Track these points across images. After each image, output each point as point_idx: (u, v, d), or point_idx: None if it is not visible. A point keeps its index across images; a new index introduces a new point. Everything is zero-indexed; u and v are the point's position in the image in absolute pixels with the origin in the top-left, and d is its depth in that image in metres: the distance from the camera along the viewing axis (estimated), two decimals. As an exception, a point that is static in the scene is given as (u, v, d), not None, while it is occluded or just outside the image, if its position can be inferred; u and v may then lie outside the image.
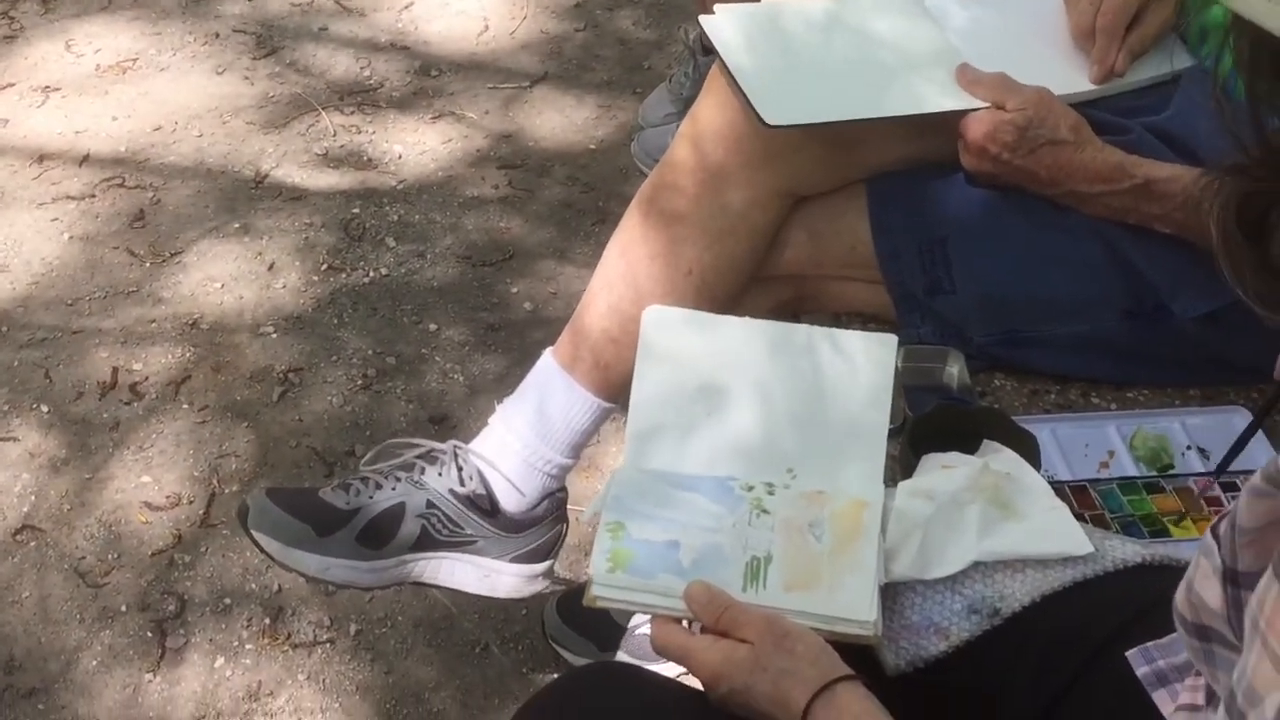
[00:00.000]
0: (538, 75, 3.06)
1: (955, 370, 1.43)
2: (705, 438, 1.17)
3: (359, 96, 2.98)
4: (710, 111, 1.49)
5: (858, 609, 1.02)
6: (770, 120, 1.36)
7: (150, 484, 2.14)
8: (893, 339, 1.20)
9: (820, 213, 1.52)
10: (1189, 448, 1.39)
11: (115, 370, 2.31)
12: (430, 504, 1.57)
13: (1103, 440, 1.40)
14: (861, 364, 1.19)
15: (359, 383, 2.31)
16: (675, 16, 3.21)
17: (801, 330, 1.22)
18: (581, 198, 2.72)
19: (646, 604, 1.05)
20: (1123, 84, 1.48)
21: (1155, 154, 1.39)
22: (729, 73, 1.42)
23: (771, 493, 1.12)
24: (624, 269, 1.55)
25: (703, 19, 1.49)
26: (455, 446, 1.61)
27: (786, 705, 0.93)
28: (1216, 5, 1.43)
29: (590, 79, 3.05)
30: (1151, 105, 1.47)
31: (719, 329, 1.24)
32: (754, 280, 1.54)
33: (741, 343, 1.22)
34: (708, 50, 2.71)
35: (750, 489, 1.13)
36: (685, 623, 1.03)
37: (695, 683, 1.00)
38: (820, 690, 0.92)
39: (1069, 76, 1.48)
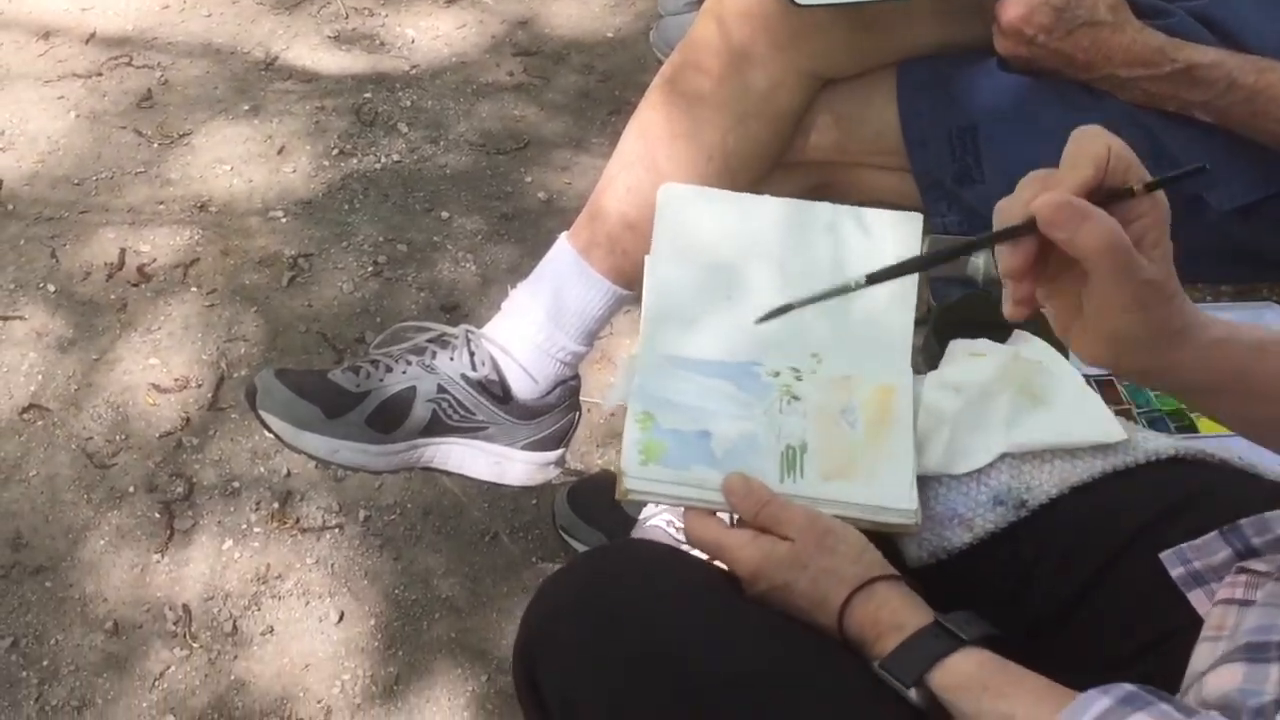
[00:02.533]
0: (555, -40, 2.98)
1: (981, 261, 1.39)
2: (726, 322, 1.14)
3: (372, -22, 2.92)
4: (737, -12, 1.44)
5: (899, 497, 1.00)
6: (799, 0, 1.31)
7: (158, 366, 2.11)
8: (918, 217, 1.16)
9: (847, 97, 1.48)
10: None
11: (123, 251, 2.28)
12: (441, 388, 1.54)
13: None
14: (887, 243, 1.15)
15: (369, 269, 2.28)
16: (697, -99, 3.12)
17: (824, 208, 1.18)
18: (598, 87, 2.66)
19: (681, 496, 1.02)
20: (1165, -34, 1.42)
21: (1197, 38, 1.34)
22: (756, -53, 1.36)
23: (799, 378, 1.09)
24: (643, 150, 1.50)
25: (728, -110, 1.43)
26: (467, 331, 1.58)
27: (826, 603, 0.91)
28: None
29: (609, -35, 2.98)
30: (1194, -11, 1.41)
31: (738, 207, 1.20)
32: (777, 166, 1.50)
33: (761, 221, 1.18)
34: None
35: (777, 374, 1.10)
36: (721, 515, 1.00)
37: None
38: (859, 588, 0.90)
39: (1110, -43, 1.42)
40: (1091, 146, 0.80)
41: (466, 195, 2.42)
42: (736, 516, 0.99)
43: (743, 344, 1.13)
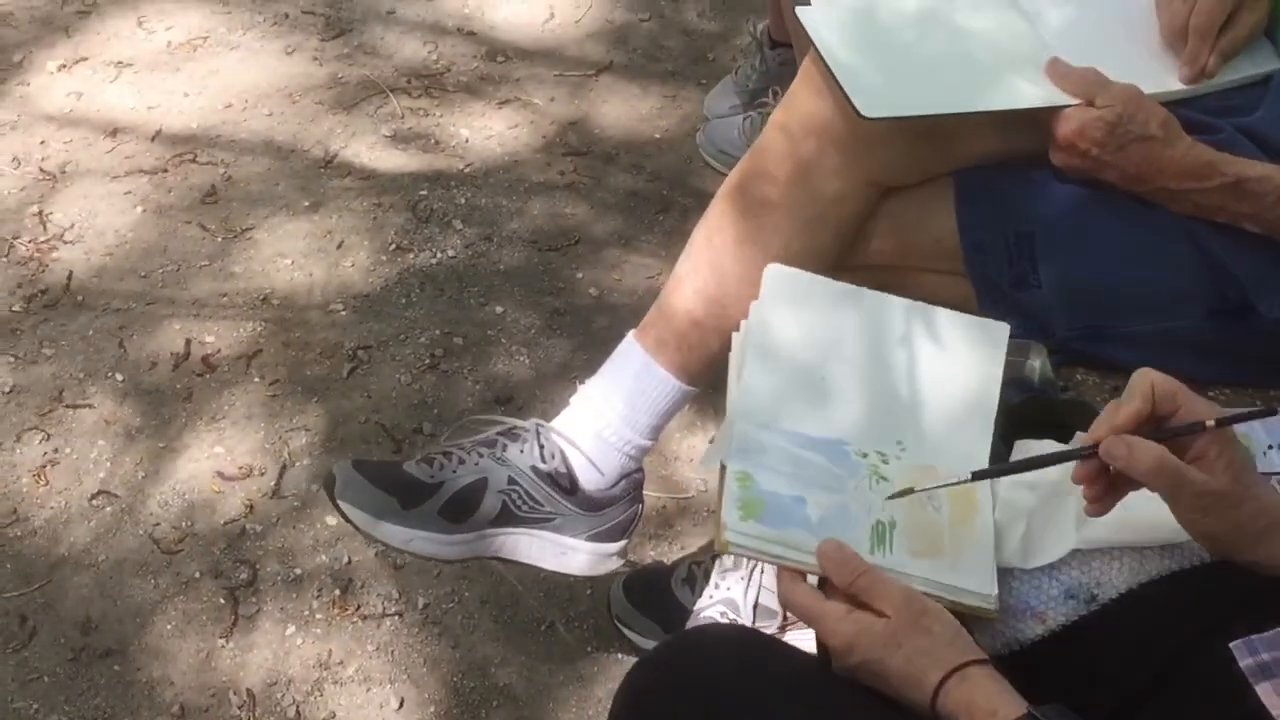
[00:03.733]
0: (603, 64, 3.08)
1: (1038, 364, 1.45)
2: (819, 400, 1.21)
3: (426, 80, 3.01)
4: (804, 100, 1.51)
5: (982, 582, 1.04)
6: (866, 112, 1.38)
7: (222, 454, 2.17)
8: (1005, 327, 1.23)
9: (907, 204, 1.54)
10: (1270, 447, 1.40)
11: (188, 342, 2.35)
12: (512, 480, 1.60)
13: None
14: (971, 346, 1.21)
15: (426, 362, 2.34)
16: (740, 9, 3.23)
17: (917, 308, 1.25)
18: (646, 187, 2.74)
19: (777, 555, 1.07)
20: (1213, 84, 1.49)
21: (1246, 153, 1.40)
22: (824, 64, 1.43)
23: (885, 461, 1.15)
24: (711, 255, 1.57)
25: (800, 10, 1.51)
26: (538, 424, 1.64)
27: (921, 683, 0.94)
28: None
29: (655, 69, 3.07)
30: (1242, 106, 1.48)
31: (836, 296, 1.27)
32: (840, 269, 1.56)
33: (856, 311, 1.25)
34: (775, 43, 2.75)
35: (864, 455, 1.15)
36: (810, 579, 1.05)
37: (810, 644, 1.02)
38: (953, 670, 0.93)
39: (1159, 75, 1.49)
40: (1139, 383, 1.00)
41: (519, 291, 2.49)
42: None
43: (833, 423, 1.19)
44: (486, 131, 2.87)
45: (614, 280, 2.52)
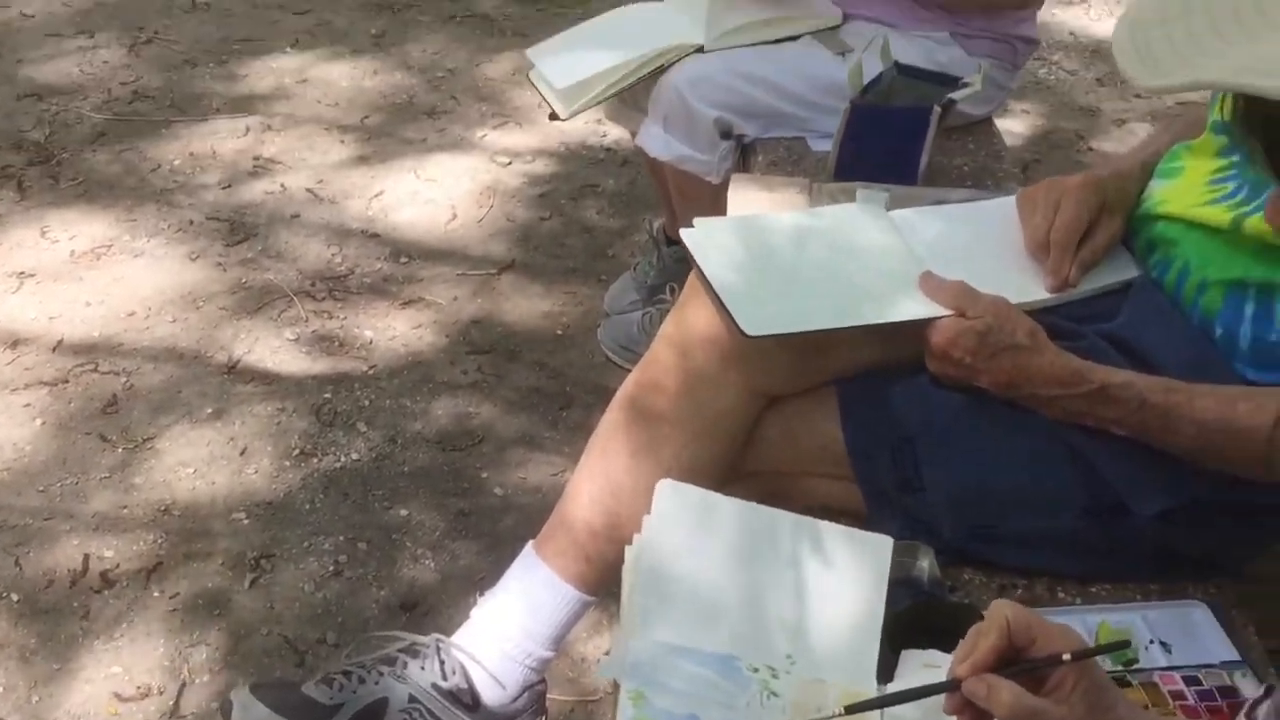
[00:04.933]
0: (505, 262, 3.15)
1: (926, 564, 1.48)
2: (710, 617, 1.23)
3: (330, 283, 3.06)
4: (691, 314, 1.57)
5: None
6: (748, 330, 1.43)
7: (120, 674, 2.13)
8: (888, 541, 1.26)
9: (794, 412, 1.59)
10: (1151, 641, 1.45)
11: (86, 557, 2.32)
12: (413, 698, 1.59)
13: (1070, 634, 1.45)
14: (855, 560, 1.24)
15: (330, 569, 2.33)
16: (639, 206, 3.34)
17: (804, 523, 1.29)
18: (550, 383, 2.79)
19: None
20: (1076, 293, 1.58)
21: (1108, 359, 1.47)
22: (708, 283, 1.49)
23: (776, 676, 1.17)
24: (605, 466, 1.60)
25: (683, 231, 1.57)
26: (438, 640, 1.64)
27: None
28: (1161, 221, 1.54)
29: (557, 266, 3.15)
30: (1103, 312, 1.56)
31: (725, 512, 1.30)
32: (732, 477, 1.60)
33: (745, 527, 1.28)
34: (671, 241, 2.83)
35: (755, 670, 1.17)
36: None
37: None
38: None
39: (1025, 285, 1.57)
40: (995, 616, 1.03)
41: (424, 493, 2.50)
42: None
43: (723, 639, 1.21)
44: (390, 332, 2.91)
45: (519, 479, 2.54)
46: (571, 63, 2.43)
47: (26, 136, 3.56)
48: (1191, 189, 1.51)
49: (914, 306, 1.50)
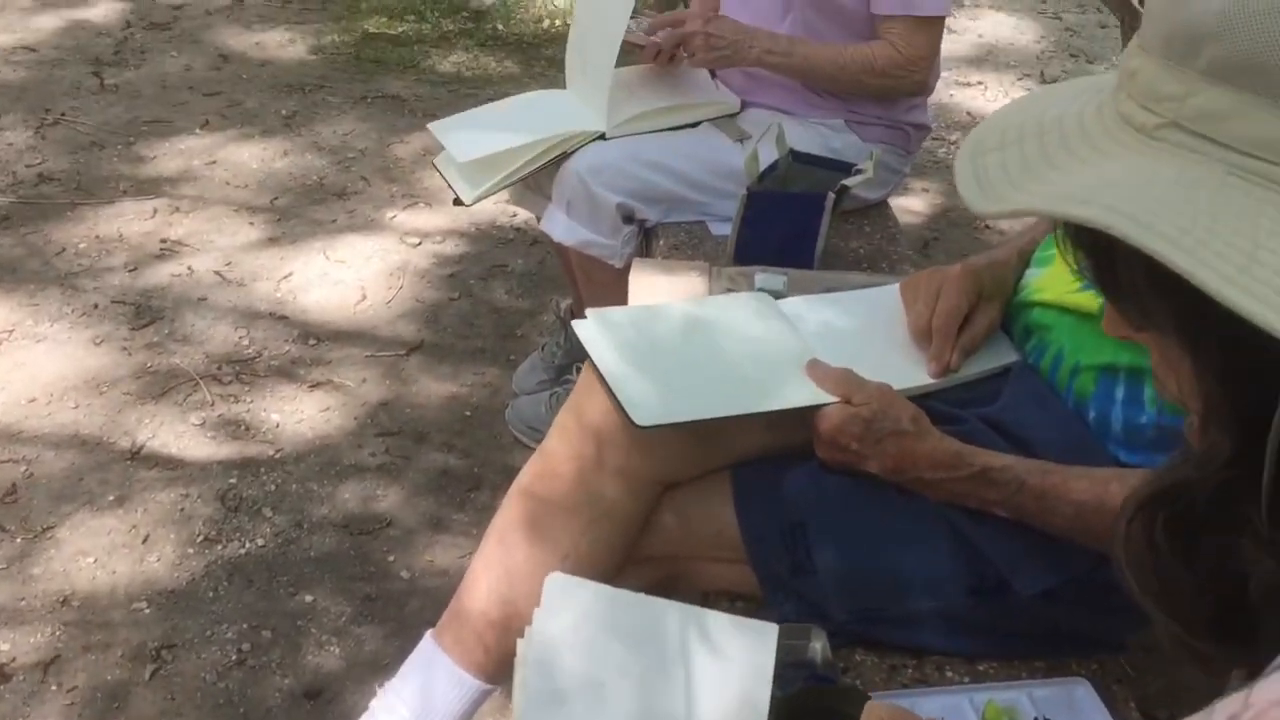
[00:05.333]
0: (414, 343, 3.16)
1: (819, 647, 1.51)
2: (597, 710, 1.24)
3: (237, 365, 3.05)
4: (586, 405, 1.59)
5: None
6: (639, 421, 1.46)
7: (15, 772, 2.09)
8: (774, 627, 1.29)
9: (689, 498, 1.62)
10: (1037, 719, 1.48)
11: (-17, 651, 2.28)
12: (311, 793, 1.58)
13: (959, 713, 1.48)
14: (741, 648, 1.27)
15: (233, 658, 2.30)
16: (547, 287, 3.37)
17: (691, 613, 1.31)
18: (458, 465, 2.79)
19: None
20: (958, 378, 1.63)
21: (989, 442, 1.52)
22: (600, 374, 1.52)
23: None
24: (503, 554, 1.61)
25: (574, 323, 1.61)
26: (336, 733, 1.63)
27: None
28: (1037, 307, 1.59)
29: (465, 347, 3.17)
30: (984, 396, 1.61)
31: (615, 605, 1.32)
32: (628, 561, 1.62)
33: (634, 619, 1.30)
34: (578, 322, 2.86)
35: None
36: None
37: None
38: None
39: (909, 371, 1.62)
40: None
41: (330, 578, 2.49)
42: None
43: None
44: (298, 415, 2.90)
45: (426, 562, 2.54)
46: (474, 139, 2.46)
47: (-73, 220, 3.53)
48: (1064, 276, 1.57)
49: (802, 394, 1.54)
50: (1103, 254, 0.75)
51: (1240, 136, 0.69)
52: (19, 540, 2.53)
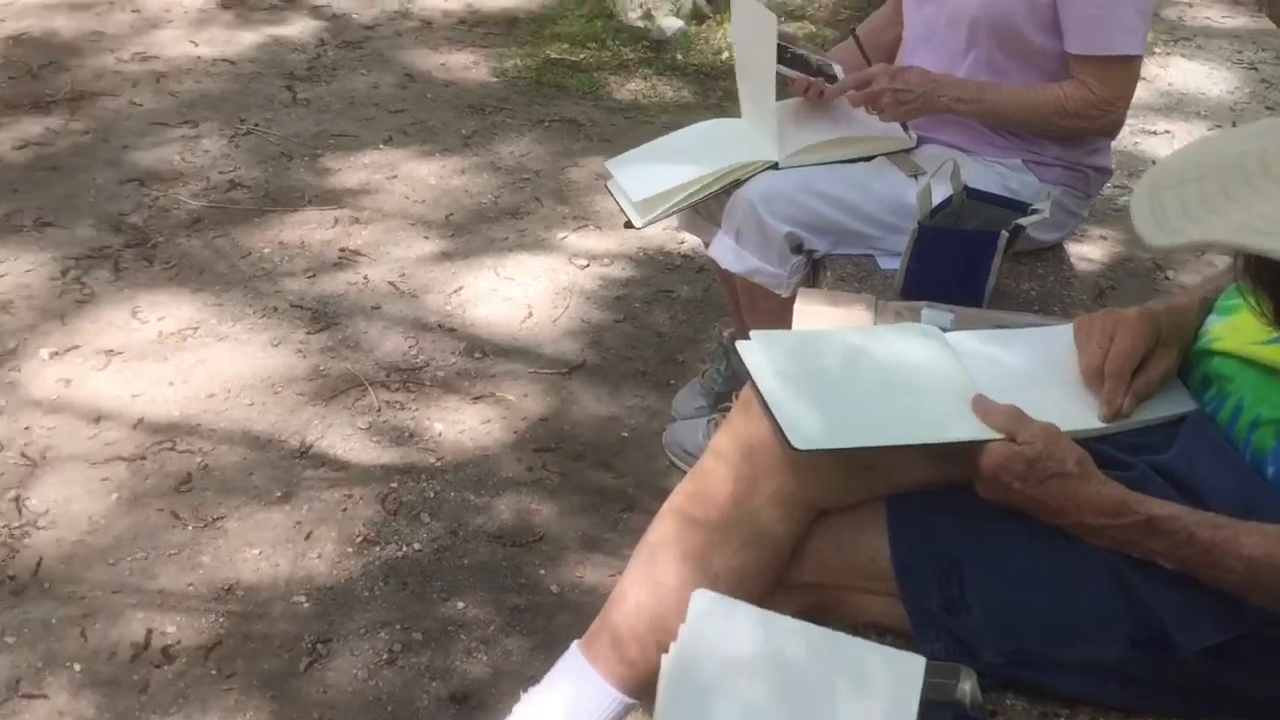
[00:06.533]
0: (577, 362, 3.20)
1: (968, 687, 1.47)
2: None
3: (405, 374, 3.13)
4: (743, 426, 1.59)
5: None
6: (797, 445, 1.46)
7: (173, 749, 2.17)
8: (921, 660, 1.27)
9: (843, 526, 1.60)
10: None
11: (149, 632, 2.37)
12: (451, 792, 1.60)
13: (1110, 767, 1.44)
14: (886, 680, 1.25)
15: (384, 657, 2.36)
16: (710, 314, 3.38)
17: (836, 639, 1.30)
18: (613, 485, 2.82)
19: None
20: (1128, 423, 1.58)
21: (1158, 491, 1.47)
22: (760, 396, 1.52)
23: None
24: (653, 571, 1.62)
25: (739, 344, 1.61)
26: (480, 735, 1.65)
27: None
28: (1217, 356, 1.54)
29: (626, 369, 3.20)
30: (1156, 444, 1.56)
31: (759, 625, 1.31)
32: (777, 586, 1.61)
33: (777, 641, 1.29)
34: (740, 350, 2.87)
35: None
36: None
37: None
38: None
39: (1077, 413, 1.58)
40: None
41: (482, 586, 2.53)
42: None
43: None
44: (459, 426, 2.96)
45: (576, 578, 2.56)
46: (648, 175, 2.49)
47: (126, 220, 3.70)
48: (1249, 327, 1.51)
49: (965, 429, 1.52)
50: None
51: None
52: (190, 528, 2.62)
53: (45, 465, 2.77)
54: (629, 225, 2.51)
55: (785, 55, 2.46)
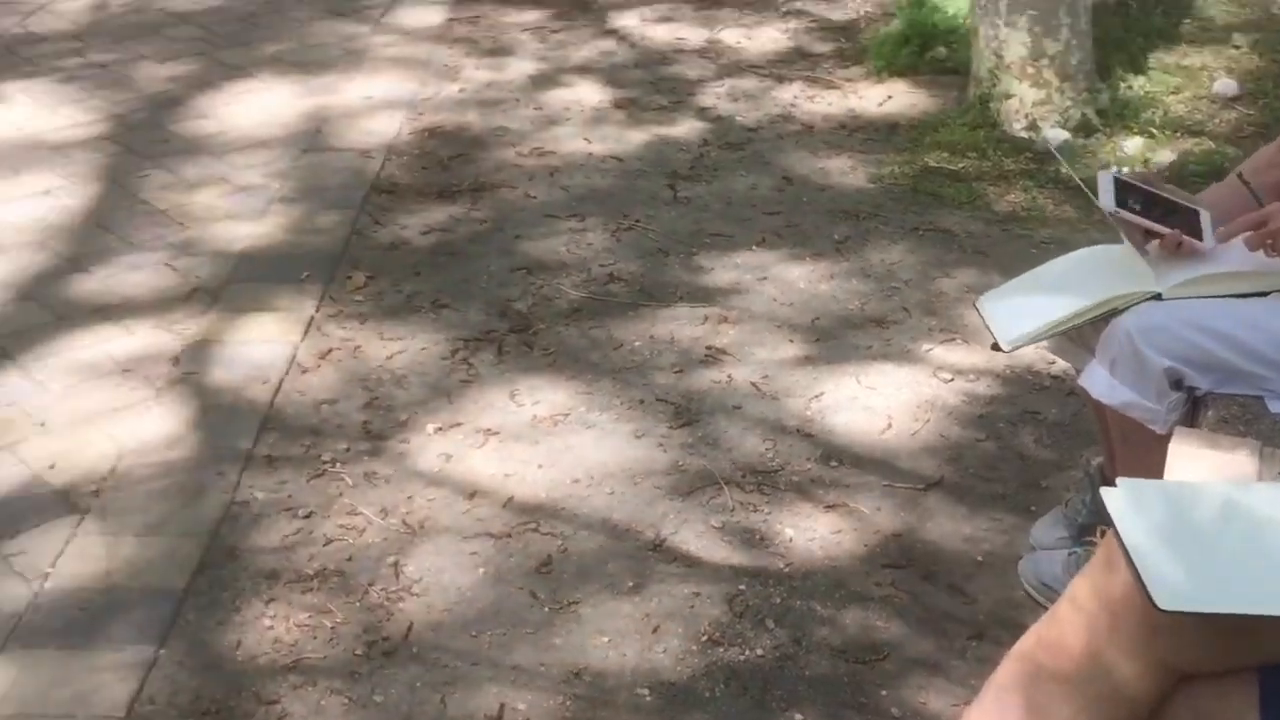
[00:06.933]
0: (934, 479, 3.16)
1: None
2: None
3: (760, 476, 3.17)
4: (1103, 576, 1.53)
5: None
6: (1162, 605, 1.39)
7: (513, 825, 2.26)
8: None
9: (1207, 694, 1.51)
10: None
11: (502, 706, 2.49)
12: None
13: None
14: None
15: (720, 761, 2.38)
16: (1079, 440, 3.26)
17: None
18: (963, 610, 2.75)
19: None
20: None
21: None
22: (1124, 549, 1.46)
23: None
24: (997, 713, 1.57)
25: (1103, 491, 1.55)
26: None
27: None
28: None
29: (986, 490, 3.12)
30: None
31: None
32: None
33: None
34: (1107, 481, 2.75)
35: None
36: None
37: None
38: None
39: None
40: None
41: (821, 701, 2.51)
42: None
43: None
44: (810, 533, 2.97)
45: (919, 704, 2.51)
46: (1021, 310, 2.44)
47: (513, 306, 3.94)
48: None
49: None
50: None
51: None
52: (547, 609, 2.74)
53: (422, 535, 2.97)
54: (996, 348, 2.47)
55: (1129, 202, 2.39)
